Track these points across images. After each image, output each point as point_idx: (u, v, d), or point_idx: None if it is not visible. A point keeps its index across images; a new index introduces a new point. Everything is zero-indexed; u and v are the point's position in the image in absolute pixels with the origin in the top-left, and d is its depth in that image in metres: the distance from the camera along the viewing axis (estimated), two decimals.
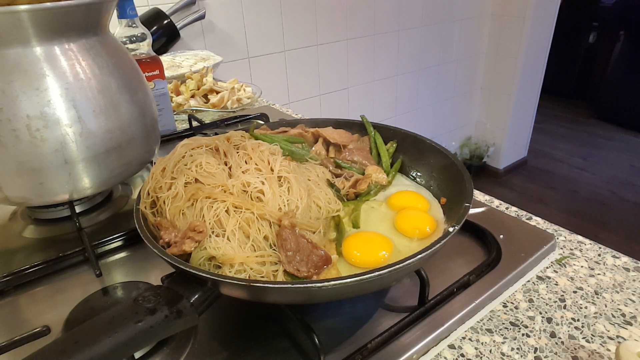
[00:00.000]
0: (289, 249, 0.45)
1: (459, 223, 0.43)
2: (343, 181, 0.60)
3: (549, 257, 0.55)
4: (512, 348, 0.43)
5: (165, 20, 1.41)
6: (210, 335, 0.45)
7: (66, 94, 0.53)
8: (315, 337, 0.40)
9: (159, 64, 0.90)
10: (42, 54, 0.52)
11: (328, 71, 2.12)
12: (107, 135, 0.56)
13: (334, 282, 0.36)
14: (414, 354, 0.42)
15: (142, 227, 0.46)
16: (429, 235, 0.51)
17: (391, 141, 0.66)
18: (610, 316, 0.47)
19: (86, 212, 0.67)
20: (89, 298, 0.51)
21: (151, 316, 0.35)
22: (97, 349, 0.32)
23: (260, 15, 1.79)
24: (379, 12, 2.18)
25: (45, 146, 0.52)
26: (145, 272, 0.55)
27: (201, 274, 0.38)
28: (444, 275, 0.51)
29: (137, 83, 0.63)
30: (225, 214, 0.45)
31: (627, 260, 0.54)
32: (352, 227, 0.54)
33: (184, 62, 1.36)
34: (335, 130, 0.67)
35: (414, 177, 0.63)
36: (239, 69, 1.81)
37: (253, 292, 0.39)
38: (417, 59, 2.48)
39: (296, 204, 0.49)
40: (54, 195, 0.56)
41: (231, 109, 1.13)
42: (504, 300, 0.49)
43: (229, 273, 0.42)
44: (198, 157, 0.52)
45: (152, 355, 0.43)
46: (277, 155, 0.54)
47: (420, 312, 0.46)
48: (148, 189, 0.51)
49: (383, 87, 2.40)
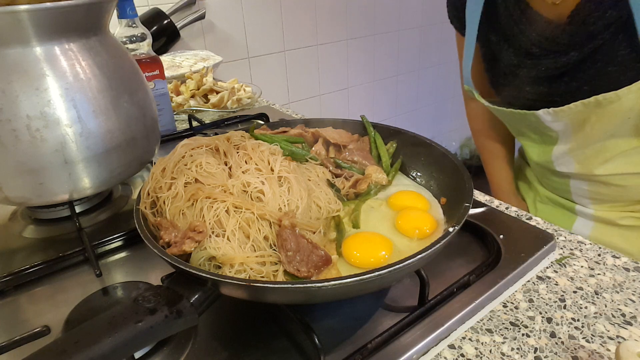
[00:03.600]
0: (289, 249, 0.45)
1: (459, 223, 0.43)
2: (343, 181, 0.60)
3: (549, 257, 0.55)
4: (512, 348, 0.43)
5: (165, 20, 1.41)
6: (210, 335, 0.45)
7: (66, 94, 0.53)
8: (315, 337, 0.40)
9: (159, 64, 0.90)
10: (42, 54, 0.52)
11: (328, 71, 2.12)
12: (107, 135, 0.56)
13: (334, 282, 0.36)
14: (414, 354, 0.42)
15: (142, 227, 0.46)
16: (429, 235, 0.51)
17: (391, 141, 0.66)
18: (610, 316, 0.47)
19: (86, 212, 0.67)
20: (89, 298, 0.51)
21: (151, 316, 0.35)
22: (97, 349, 0.32)
23: (260, 15, 1.79)
24: (379, 12, 2.18)
25: (45, 146, 0.52)
26: (145, 272, 0.55)
27: (201, 274, 0.38)
28: (444, 275, 0.51)
29: (137, 83, 0.63)
30: (225, 214, 0.45)
31: (627, 260, 0.54)
32: (352, 227, 0.54)
33: (184, 62, 1.36)
34: (335, 130, 0.67)
35: (414, 177, 0.63)
36: (239, 69, 1.81)
37: (253, 292, 0.39)
38: (417, 59, 2.48)
39: (296, 204, 0.49)
40: (53, 195, 0.56)
41: (231, 109, 1.13)
42: (504, 300, 0.49)
43: (229, 273, 0.42)
44: (198, 157, 0.52)
45: (152, 355, 0.43)
46: (277, 155, 0.54)
47: (420, 312, 0.46)
48: (148, 189, 0.51)
49: (383, 87, 2.40)
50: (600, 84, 0.69)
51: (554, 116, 0.73)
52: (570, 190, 0.85)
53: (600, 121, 0.69)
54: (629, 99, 0.65)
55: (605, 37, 0.66)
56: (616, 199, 0.80)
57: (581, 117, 0.71)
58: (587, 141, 0.74)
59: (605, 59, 0.68)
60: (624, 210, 0.81)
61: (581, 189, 0.83)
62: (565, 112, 0.71)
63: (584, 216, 0.86)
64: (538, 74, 0.76)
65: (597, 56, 0.68)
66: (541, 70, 0.75)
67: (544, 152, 0.83)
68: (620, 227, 0.81)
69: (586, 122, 0.71)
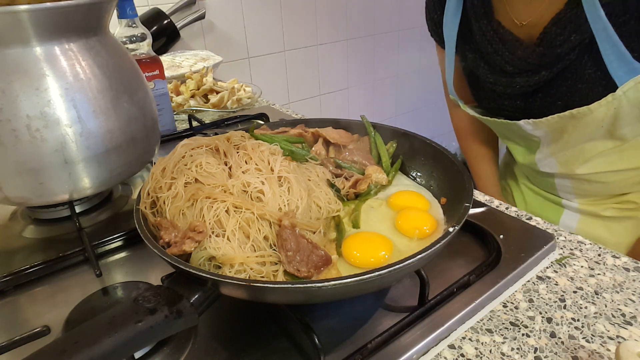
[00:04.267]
0: (289, 249, 0.45)
1: (459, 223, 0.43)
2: (343, 181, 0.60)
3: (549, 257, 0.55)
4: (512, 348, 0.43)
5: (165, 20, 1.41)
6: (210, 335, 0.45)
7: (66, 94, 0.53)
8: (315, 337, 0.40)
9: (159, 64, 0.90)
10: (42, 54, 0.52)
11: (328, 71, 2.12)
12: (107, 135, 0.56)
13: (334, 282, 0.36)
14: (414, 354, 0.42)
15: (142, 227, 0.46)
16: (429, 235, 0.51)
17: (391, 141, 0.66)
18: (610, 316, 0.47)
19: (86, 212, 0.67)
20: (89, 298, 0.51)
21: (151, 316, 0.35)
22: (97, 349, 0.32)
23: (260, 15, 1.79)
24: (379, 12, 2.18)
25: (45, 146, 0.52)
26: (145, 272, 0.55)
27: (201, 274, 0.38)
28: (444, 275, 0.51)
29: (137, 83, 0.63)
30: (225, 214, 0.45)
31: (627, 260, 0.54)
32: (352, 227, 0.54)
33: (184, 62, 1.36)
34: (335, 130, 0.67)
35: (414, 177, 0.63)
36: (239, 69, 1.81)
37: (253, 292, 0.39)
38: (417, 58, 2.48)
39: (296, 204, 0.49)
40: (54, 195, 0.56)
41: (231, 109, 1.13)
42: (504, 300, 0.49)
43: (229, 273, 0.42)
44: (198, 157, 0.52)
45: (152, 355, 0.43)
46: (277, 155, 0.54)
47: (420, 312, 0.46)
48: (148, 189, 0.51)
49: (383, 87, 2.40)
50: (573, 99, 0.73)
51: (534, 126, 0.77)
52: (556, 187, 0.89)
53: (576, 130, 0.74)
54: (600, 112, 0.69)
55: (571, 58, 0.71)
56: (598, 194, 0.85)
57: (558, 127, 0.75)
58: (566, 145, 0.78)
59: (574, 77, 0.72)
60: (606, 203, 0.85)
61: (565, 185, 0.87)
62: (544, 122, 0.75)
63: (570, 209, 0.90)
64: (513, 91, 0.80)
65: (567, 74, 0.73)
66: (515, 87, 0.79)
67: (528, 155, 0.88)
68: (604, 218, 0.85)
69: (564, 130, 0.75)
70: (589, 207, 0.86)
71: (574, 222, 0.89)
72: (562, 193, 0.89)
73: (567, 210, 0.90)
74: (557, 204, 0.92)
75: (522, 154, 0.90)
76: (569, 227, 0.89)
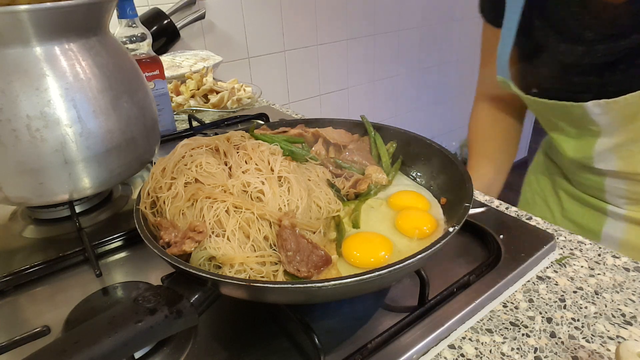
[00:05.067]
0: (289, 249, 0.45)
1: (459, 223, 0.43)
2: (343, 181, 0.60)
3: (549, 257, 0.55)
4: (512, 348, 0.43)
5: (165, 20, 1.41)
6: (210, 335, 0.45)
7: (66, 94, 0.53)
8: (315, 337, 0.40)
9: (159, 64, 0.90)
10: (42, 54, 0.52)
11: (328, 71, 2.12)
12: (107, 135, 0.56)
13: (334, 282, 0.36)
14: (414, 354, 0.42)
15: (142, 227, 0.46)
16: (429, 235, 0.51)
17: (391, 141, 0.66)
18: (610, 316, 0.47)
19: (86, 212, 0.67)
20: (89, 298, 0.51)
21: (151, 316, 0.35)
22: (97, 349, 0.32)
23: (260, 15, 1.79)
24: (379, 12, 2.18)
25: (45, 146, 0.52)
26: (145, 272, 0.55)
27: (201, 274, 0.38)
28: (444, 275, 0.51)
29: (137, 83, 0.63)
30: (225, 214, 0.45)
31: (627, 260, 0.54)
32: (352, 227, 0.54)
33: (184, 62, 1.36)
34: (335, 130, 0.67)
35: (414, 177, 0.63)
36: (239, 69, 1.81)
37: (253, 292, 0.39)
38: (417, 59, 2.48)
39: (296, 204, 0.49)
40: (54, 195, 0.56)
41: (231, 109, 1.13)
42: (504, 300, 0.49)
43: (229, 273, 0.42)
44: (198, 157, 0.52)
45: (152, 355, 0.43)
46: (277, 155, 0.54)
47: (420, 312, 0.46)
48: (148, 189, 0.51)
49: (383, 87, 2.40)
50: None
51: (605, 108, 0.66)
52: (605, 189, 0.78)
53: None
54: None
55: None
56: None
57: (634, 110, 0.64)
58: (635, 137, 0.67)
59: None
60: None
61: (618, 188, 0.75)
62: (620, 103, 0.64)
63: (614, 217, 0.79)
64: (592, 61, 0.67)
65: None
66: (596, 56, 0.66)
67: (582, 147, 0.75)
68: None
69: (636, 117, 0.64)
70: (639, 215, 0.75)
71: (619, 232, 0.77)
72: (610, 197, 0.78)
73: (611, 218, 0.79)
74: (600, 211, 0.81)
75: (573, 146, 0.77)
76: (613, 238, 0.79)
